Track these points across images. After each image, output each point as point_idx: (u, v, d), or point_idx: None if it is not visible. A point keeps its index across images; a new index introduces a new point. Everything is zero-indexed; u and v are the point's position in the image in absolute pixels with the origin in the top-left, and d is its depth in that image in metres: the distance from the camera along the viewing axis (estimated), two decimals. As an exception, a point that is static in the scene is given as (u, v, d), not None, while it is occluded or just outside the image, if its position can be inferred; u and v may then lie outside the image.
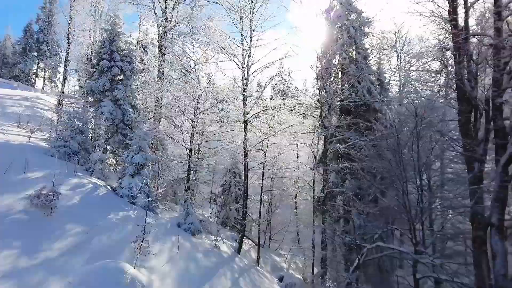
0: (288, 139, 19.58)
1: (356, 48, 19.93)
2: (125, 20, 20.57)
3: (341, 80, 20.10)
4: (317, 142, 19.43)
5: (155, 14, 23.27)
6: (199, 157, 19.57)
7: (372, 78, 19.88)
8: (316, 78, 18.35)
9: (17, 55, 49.91)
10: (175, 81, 20.24)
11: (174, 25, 22.38)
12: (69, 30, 29.24)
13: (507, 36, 12.29)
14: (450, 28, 13.50)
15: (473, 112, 12.97)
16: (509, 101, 12.56)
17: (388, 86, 24.41)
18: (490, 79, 12.76)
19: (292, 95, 29.02)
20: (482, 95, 12.81)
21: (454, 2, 13.15)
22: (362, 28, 20.26)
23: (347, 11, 19.96)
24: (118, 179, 14.43)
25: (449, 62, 15.38)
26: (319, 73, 17.98)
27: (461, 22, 13.81)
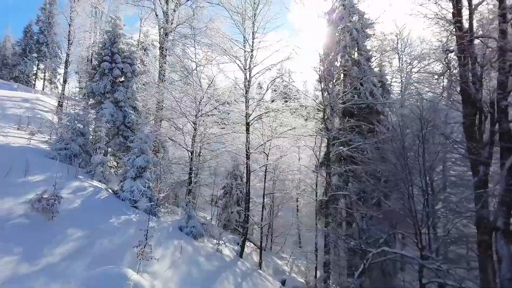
0: (290, 142, 19.44)
1: (359, 50, 19.83)
2: (126, 22, 20.57)
3: (343, 82, 20.00)
4: (320, 145, 19.30)
5: (156, 16, 23.18)
6: (201, 160, 19.43)
7: (375, 80, 19.77)
8: (319, 80, 18.23)
9: (17, 56, 49.80)
10: (177, 83, 20.13)
11: (176, 27, 22.28)
12: (70, 32, 29.12)
13: (512, 38, 12.18)
14: (455, 30, 13.41)
15: (478, 115, 12.89)
16: (515, 104, 12.43)
17: (390, 88, 24.28)
18: (495, 82, 12.69)
19: (294, 97, 28.88)
20: (487, 98, 12.72)
21: (459, 4, 13.07)
22: (365, 30, 20.16)
23: (350, 13, 19.88)
24: (120, 182, 14.31)
25: (452, 64, 15.35)
26: (322, 75, 17.87)
27: (465, 24, 13.81)
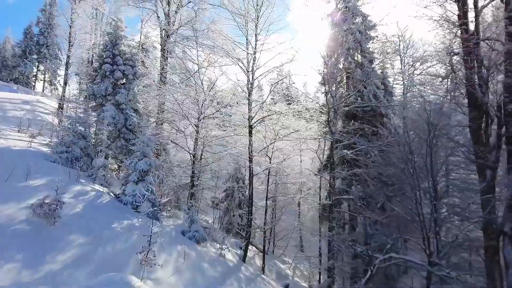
0: (293, 145, 19.24)
1: (362, 52, 19.68)
2: (127, 23, 20.39)
3: (346, 85, 19.87)
4: (323, 148, 19.12)
5: (158, 17, 23.01)
6: (203, 163, 19.25)
7: (378, 83, 19.63)
8: (323, 83, 18.06)
9: (17, 58, 49.69)
10: (178, 85, 19.98)
11: (177, 29, 22.13)
12: (70, 33, 28.98)
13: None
14: (460, 33, 13.28)
15: (484, 118, 12.76)
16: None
17: (392, 90, 24.17)
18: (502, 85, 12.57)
19: (294, 99, 28.73)
20: (494, 101, 12.59)
21: (465, 7, 12.95)
22: (368, 32, 20.04)
23: (353, 15, 19.75)
24: (122, 186, 14.15)
25: (456, 67, 15.22)
26: (326, 78, 17.72)
27: (470, 26, 13.69)
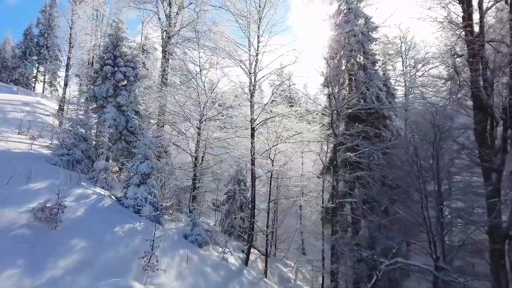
0: (295, 147, 19.07)
1: (365, 54, 19.59)
2: (127, 24, 20.18)
3: (349, 87, 19.75)
4: (326, 150, 18.98)
5: (159, 19, 22.91)
6: (205, 165, 19.10)
7: (380, 84, 19.53)
8: (327, 85, 17.96)
9: (17, 59, 49.56)
10: (180, 87, 19.86)
11: (179, 30, 22.02)
12: (71, 34, 28.88)
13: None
14: (465, 35, 13.17)
15: (489, 121, 12.64)
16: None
17: (394, 92, 24.07)
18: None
19: (296, 101, 28.63)
20: (499, 103, 12.47)
21: (469, 8, 12.84)
22: (370, 34, 19.95)
23: (355, 16, 19.65)
24: (123, 189, 14.01)
25: (460, 69, 15.10)
26: (329, 80, 17.61)
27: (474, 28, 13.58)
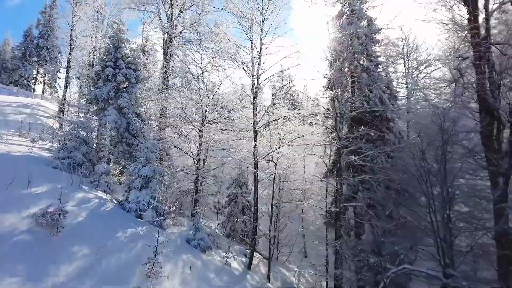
0: (298, 150, 18.86)
1: (368, 56, 19.45)
2: (127, 26, 20.03)
3: (352, 89, 19.59)
4: (330, 153, 18.80)
5: (160, 21, 22.77)
6: (207, 168, 18.92)
7: (383, 87, 19.37)
8: (329, 87, 17.81)
9: (17, 60, 49.39)
10: (181, 89, 19.68)
11: (181, 32, 21.86)
12: (71, 36, 28.68)
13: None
14: (471, 37, 13.05)
15: (496, 124, 12.51)
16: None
17: (396, 94, 23.94)
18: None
19: (299, 104, 28.45)
20: (506, 106, 12.33)
21: (475, 10, 12.72)
22: (373, 36, 19.82)
23: (359, 18, 19.51)
24: (125, 192, 13.83)
25: (464, 71, 14.97)
26: (333, 82, 17.45)
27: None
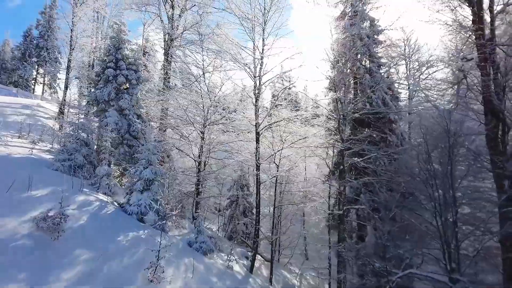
0: (300, 152, 18.71)
1: (370, 57, 19.34)
2: (128, 27, 19.85)
3: (354, 90, 19.47)
4: (332, 155, 18.67)
5: (161, 21, 22.63)
6: (208, 170, 18.76)
7: (385, 88, 19.25)
8: (334, 89, 17.67)
9: (16, 61, 49.18)
10: (183, 90, 19.54)
11: (182, 33, 21.72)
12: (71, 37, 28.54)
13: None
14: (475, 38, 12.94)
15: (501, 126, 12.40)
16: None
17: (398, 95, 23.83)
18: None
19: (302, 106, 28.35)
20: (511, 108, 12.23)
21: (481, 12, 12.60)
22: (376, 37, 19.71)
23: (361, 19, 19.40)
24: (126, 195, 13.69)
25: (468, 73, 14.86)
26: (336, 83, 17.33)
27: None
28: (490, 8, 12.76)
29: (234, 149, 19.50)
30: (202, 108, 17.18)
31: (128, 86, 18.48)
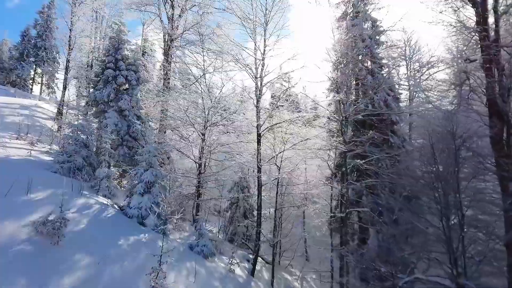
0: (302, 154, 18.52)
1: (372, 58, 19.21)
2: (127, 27, 19.65)
3: (356, 91, 19.32)
4: (334, 157, 18.52)
5: (161, 21, 22.43)
6: (208, 171, 18.58)
7: (387, 89, 19.11)
8: (336, 90, 17.53)
9: (14, 60, 48.81)
10: (183, 91, 19.36)
11: (182, 33, 21.53)
12: (70, 37, 28.30)
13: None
14: (480, 39, 12.79)
15: (506, 128, 12.28)
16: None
17: (399, 96, 23.69)
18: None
19: (301, 107, 28.19)
20: (517, 111, 12.10)
21: (485, 13, 12.46)
22: (378, 38, 19.59)
23: (363, 19, 19.27)
24: (126, 197, 13.53)
25: (471, 74, 14.74)
26: (338, 85, 17.20)
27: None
28: (495, 9, 12.61)
29: (235, 151, 19.33)
30: (203, 109, 17.01)
31: (128, 87, 18.30)
